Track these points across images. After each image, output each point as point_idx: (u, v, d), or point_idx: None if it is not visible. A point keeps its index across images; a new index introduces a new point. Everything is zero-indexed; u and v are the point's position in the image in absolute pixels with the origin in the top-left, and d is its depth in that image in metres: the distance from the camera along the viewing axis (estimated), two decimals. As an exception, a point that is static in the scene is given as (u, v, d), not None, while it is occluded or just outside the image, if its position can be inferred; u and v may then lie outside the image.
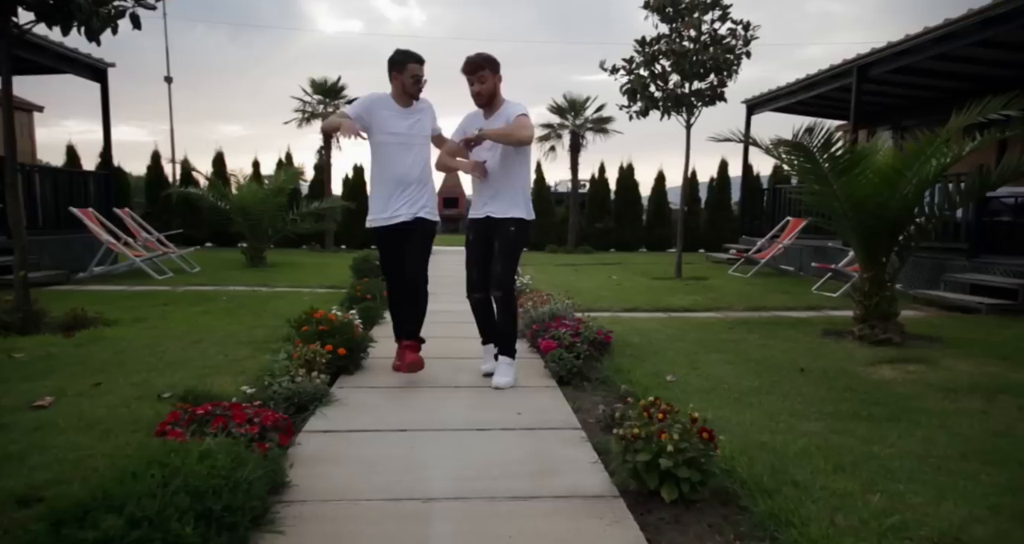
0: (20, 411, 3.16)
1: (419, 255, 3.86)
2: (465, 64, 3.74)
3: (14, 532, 1.94)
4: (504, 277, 3.78)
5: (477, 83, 3.73)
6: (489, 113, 3.83)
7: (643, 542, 2.01)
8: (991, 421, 3.17)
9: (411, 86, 3.79)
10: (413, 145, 3.83)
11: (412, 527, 2.08)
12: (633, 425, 2.39)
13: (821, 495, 2.27)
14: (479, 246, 3.89)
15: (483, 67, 3.71)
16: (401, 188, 3.78)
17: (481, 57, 3.72)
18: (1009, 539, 1.98)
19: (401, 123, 3.80)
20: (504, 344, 3.88)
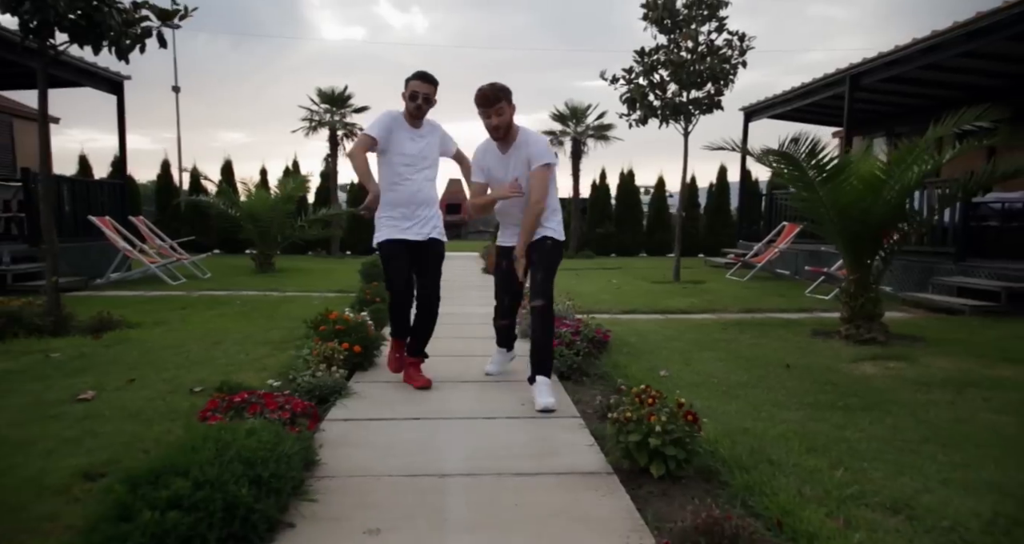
0: (67, 403, 3.45)
1: (436, 274, 3.92)
2: (480, 97, 3.55)
3: (86, 499, 2.23)
4: (545, 286, 3.62)
5: (495, 116, 3.54)
6: (505, 147, 3.67)
7: (633, 510, 2.29)
8: (956, 410, 3.45)
9: (409, 104, 3.73)
10: (423, 168, 3.80)
11: (429, 498, 2.36)
12: (626, 409, 2.68)
13: (792, 471, 2.55)
14: (512, 273, 3.76)
15: (500, 99, 3.52)
16: (413, 208, 3.77)
17: (496, 89, 3.54)
18: (951, 505, 2.26)
19: (412, 145, 3.76)
20: (542, 362, 3.63)
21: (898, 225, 5.54)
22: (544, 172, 3.56)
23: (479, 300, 7.75)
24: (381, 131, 3.70)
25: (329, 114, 16.61)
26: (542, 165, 3.56)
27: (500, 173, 3.70)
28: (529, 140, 3.64)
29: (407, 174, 3.75)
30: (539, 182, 3.56)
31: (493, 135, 3.65)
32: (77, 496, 2.29)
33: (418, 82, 3.72)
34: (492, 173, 3.74)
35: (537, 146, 3.61)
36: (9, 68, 9.29)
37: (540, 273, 3.63)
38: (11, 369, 4.18)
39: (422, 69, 3.77)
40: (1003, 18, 6.92)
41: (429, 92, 3.74)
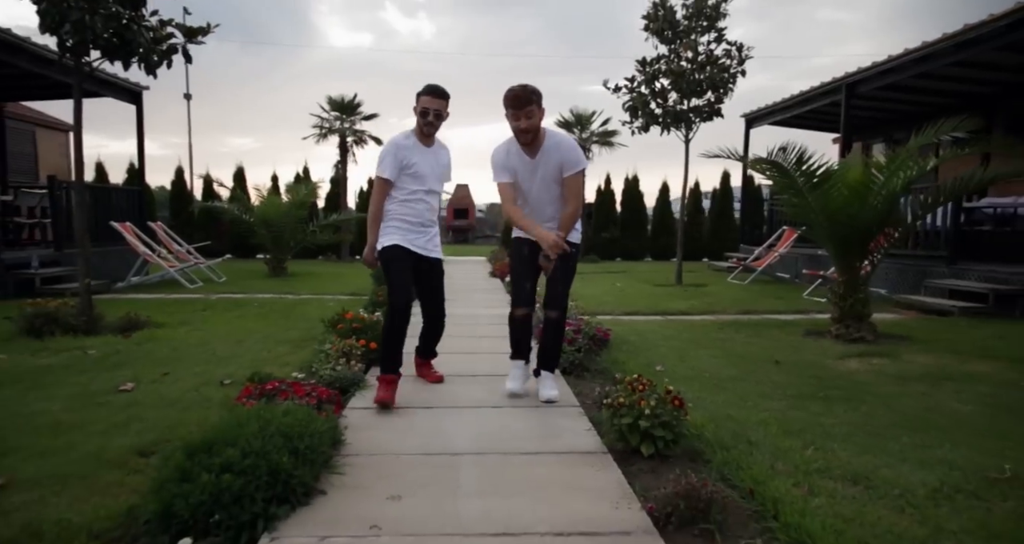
0: (111, 394, 3.77)
1: (441, 295, 4.02)
2: (511, 98, 3.40)
3: (145, 471, 2.54)
4: (564, 298, 3.66)
5: (524, 119, 3.40)
6: (532, 151, 3.54)
7: (624, 482, 2.58)
8: (927, 401, 3.74)
9: (420, 120, 3.67)
10: (431, 188, 3.76)
11: (443, 472, 2.67)
12: (619, 396, 2.98)
13: (768, 450, 2.84)
14: (534, 262, 3.65)
15: (531, 102, 3.39)
16: (420, 225, 3.75)
17: (528, 91, 3.41)
18: (904, 477, 2.55)
19: (423, 164, 3.70)
20: (549, 359, 3.77)
21: (885, 229, 5.81)
22: (580, 178, 3.51)
23: (485, 302, 8.08)
24: (392, 171, 3.64)
25: (339, 121, 16.96)
26: (577, 171, 3.51)
27: (527, 178, 3.58)
28: (560, 145, 3.53)
29: (418, 192, 3.71)
30: (576, 188, 3.52)
31: (520, 138, 3.49)
32: (135, 468, 2.61)
33: (428, 98, 3.64)
34: (518, 175, 3.60)
35: (569, 151, 3.52)
36: (33, 80, 9.69)
37: (561, 285, 3.61)
38: (54, 364, 4.52)
39: (433, 83, 3.69)
40: (989, 30, 7.20)
41: (440, 108, 3.67)
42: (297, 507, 2.26)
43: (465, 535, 2.14)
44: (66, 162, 13.97)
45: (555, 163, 3.50)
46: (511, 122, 3.46)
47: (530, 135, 3.45)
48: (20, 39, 8.02)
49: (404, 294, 3.67)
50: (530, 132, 3.44)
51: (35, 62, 8.49)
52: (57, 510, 2.22)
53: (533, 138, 3.47)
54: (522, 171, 3.58)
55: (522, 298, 3.76)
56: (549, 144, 3.52)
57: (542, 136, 3.52)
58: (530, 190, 3.62)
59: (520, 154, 3.56)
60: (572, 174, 3.51)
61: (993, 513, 2.26)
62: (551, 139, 3.54)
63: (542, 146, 3.52)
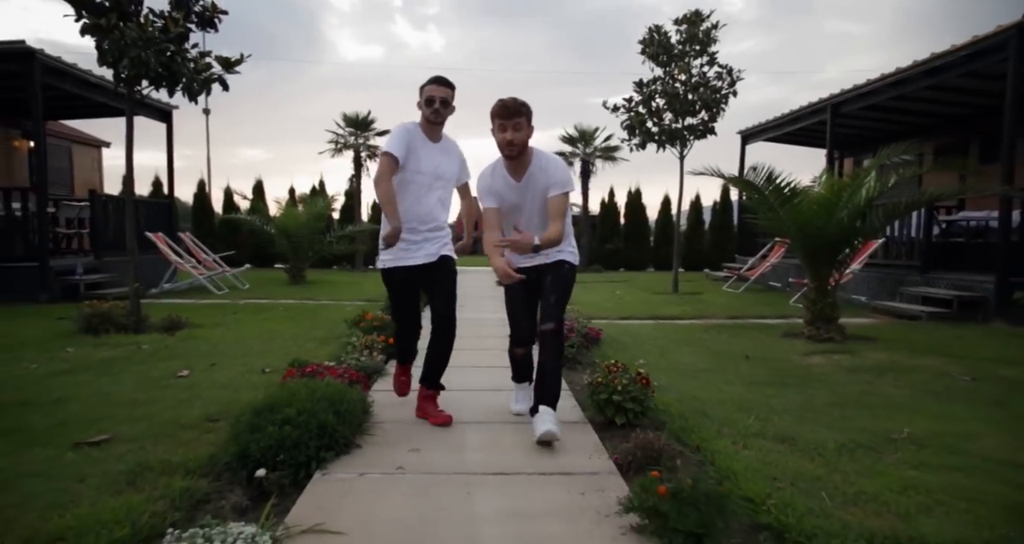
0: (170, 379, 4.44)
1: (451, 295, 3.62)
2: (499, 108, 3.26)
3: (215, 432, 3.20)
4: (558, 310, 3.36)
5: (512, 131, 3.24)
6: (519, 173, 3.37)
7: (598, 442, 3.21)
8: (868, 387, 4.35)
9: (425, 110, 3.45)
10: (437, 188, 3.54)
11: (453, 435, 3.31)
12: (598, 376, 3.62)
13: (719, 420, 3.47)
14: (528, 295, 3.46)
15: (521, 114, 3.26)
16: (424, 226, 3.51)
17: (518, 103, 3.27)
18: (821, 437, 3.17)
19: (429, 162, 3.49)
20: (548, 389, 3.28)
21: (851, 241, 6.43)
22: (564, 199, 3.38)
23: (492, 308, 8.72)
24: (400, 148, 3.40)
25: (353, 137, 17.75)
26: (562, 193, 3.37)
27: (512, 201, 3.44)
28: (548, 168, 3.37)
29: (420, 193, 3.49)
30: (560, 208, 3.36)
31: (506, 151, 3.31)
32: (207, 430, 3.27)
33: (434, 86, 3.45)
34: (505, 199, 3.44)
35: (556, 174, 3.36)
36: (74, 101, 10.46)
37: (554, 296, 3.37)
38: (116, 356, 5.19)
39: (440, 75, 3.52)
40: (952, 59, 7.84)
41: (446, 96, 3.46)
42: (340, 454, 2.92)
43: (470, 473, 2.79)
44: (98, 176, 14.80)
45: (542, 187, 3.37)
46: (497, 135, 3.30)
47: (516, 149, 3.28)
48: (68, 65, 8.79)
49: (404, 321, 3.72)
50: (515, 145, 3.27)
51: (79, 85, 9.27)
52: (156, 455, 2.87)
53: (519, 152, 3.30)
54: (508, 194, 3.42)
55: (521, 335, 3.49)
56: (536, 167, 3.37)
57: (529, 156, 3.36)
58: (517, 216, 3.46)
59: (505, 176, 3.41)
60: (556, 195, 3.35)
61: (882, 460, 2.88)
62: (539, 160, 3.38)
63: (528, 169, 3.37)
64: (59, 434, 3.17)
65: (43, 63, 8.31)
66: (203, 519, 2.19)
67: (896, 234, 9.44)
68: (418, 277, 3.56)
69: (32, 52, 8.11)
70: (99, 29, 5.69)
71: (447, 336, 3.62)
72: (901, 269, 9.04)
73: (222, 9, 6.58)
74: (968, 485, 2.59)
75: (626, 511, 2.29)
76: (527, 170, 3.38)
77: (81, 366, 4.81)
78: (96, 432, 3.19)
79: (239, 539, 2.04)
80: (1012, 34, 6.99)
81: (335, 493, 2.57)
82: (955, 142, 11.18)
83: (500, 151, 3.36)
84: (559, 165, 3.44)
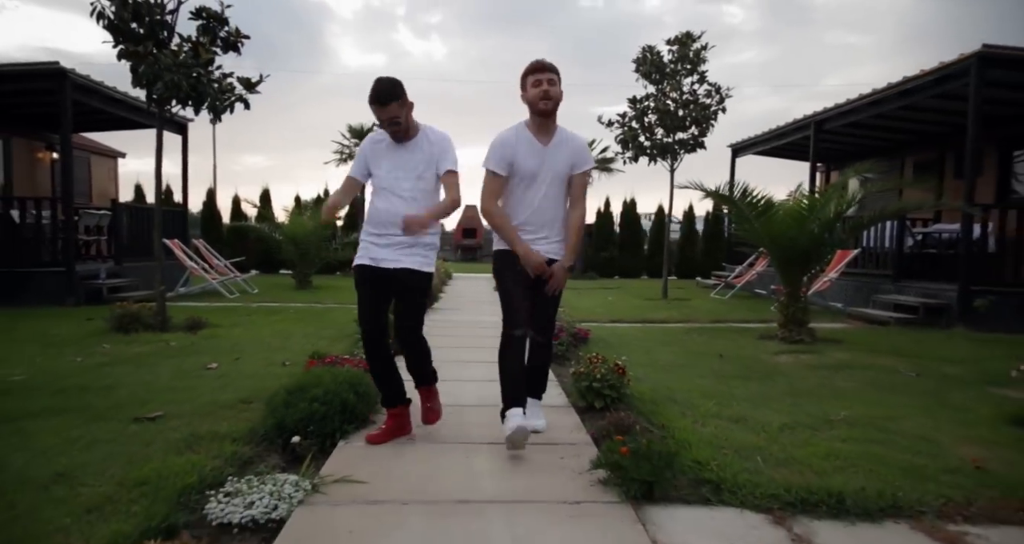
0: (201, 370, 4.98)
1: (410, 309, 3.42)
2: (536, 63, 3.21)
3: (251, 410, 3.74)
4: (553, 321, 3.50)
5: (547, 84, 3.15)
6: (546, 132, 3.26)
7: (579, 422, 3.75)
8: (823, 380, 4.90)
9: (386, 128, 3.26)
10: (402, 188, 3.29)
11: (456, 415, 3.84)
12: (581, 367, 4.16)
13: (685, 405, 4.01)
14: (530, 279, 3.31)
15: (554, 70, 3.19)
16: (383, 230, 3.32)
17: (551, 63, 3.22)
18: (770, 418, 3.71)
19: (389, 162, 3.32)
20: (535, 385, 3.49)
21: (822, 251, 6.99)
22: (588, 179, 3.37)
23: (489, 312, 9.26)
24: (357, 168, 3.41)
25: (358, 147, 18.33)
26: (587, 171, 3.35)
27: (533, 165, 3.23)
28: (574, 139, 3.32)
29: (383, 193, 3.35)
30: (584, 190, 3.36)
31: (540, 105, 3.15)
32: (243, 409, 3.81)
33: (375, 107, 3.18)
34: (522, 165, 3.22)
35: (584, 148, 3.34)
36: (97, 115, 11.04)
37: (552, 308, 3.41)
38: (148, 351, 5.74)
39: (376, 86, 3.18)
40: (922, 82, 8.43)
41: (393, 114, 3.18)
42: (359, 427, 3.47)
43: (469, 443, 3.33)
44: (114, 185, 15.39)
45: (566, 157, 3.26)
46: (531, 90, 3.17)
47: (551, 102, 3.16)
48: (96, 83, 9.38)
49: (365, 321, 3.41)
50: (552, 99, 3.16)
51: (104, 101, 9.86)
52: (204, 427, 3.41)
53: (555, 107, 3.18)
54: (528, 160, 3.23)
55: (519, 318, 3.30)
56: (563, 136, 3.28)
57: (556, 125, 3.28)
58: (533, 185, 3.26)
59: (530, 139, 3.24)
60: (583, 172, 3.31)
61: (816, 435, 3.42)
62: (565, 132, 3.31)
63: (555, 135, 3.26)
64: (118, 412, 3.71)
65: (73, 81, 8.89)
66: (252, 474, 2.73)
67: (872, 245, 9.99)
68: (378, 281, 3.35)
69: (64, 71, 8.69)
70: (137, 55, 6.26)
71: (414, 347, 3.44)
72: (876, 278, 9.60)
73: (245, 34, 7.16)
74: (880, 453, 3.14)
75: (595, 468, 2.84)
76: (554, 136, 3.26)
77: (119, 360, 5.35)
78: (149, 410, 3.73)
79: (287, 483, 2.59)
80: (972, 62, 7.57)
81: (357, 456, 3.11)
82: (932, 158, 11.75)
83: (533, 108, 3.20)
84: (585, 142, 3.40)
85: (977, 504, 2.59)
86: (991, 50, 7.45)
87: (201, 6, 6.94)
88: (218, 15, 7.01)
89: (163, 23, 6.69)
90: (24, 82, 9.10)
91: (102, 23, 6.59)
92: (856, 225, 6.90)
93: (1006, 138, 10.35)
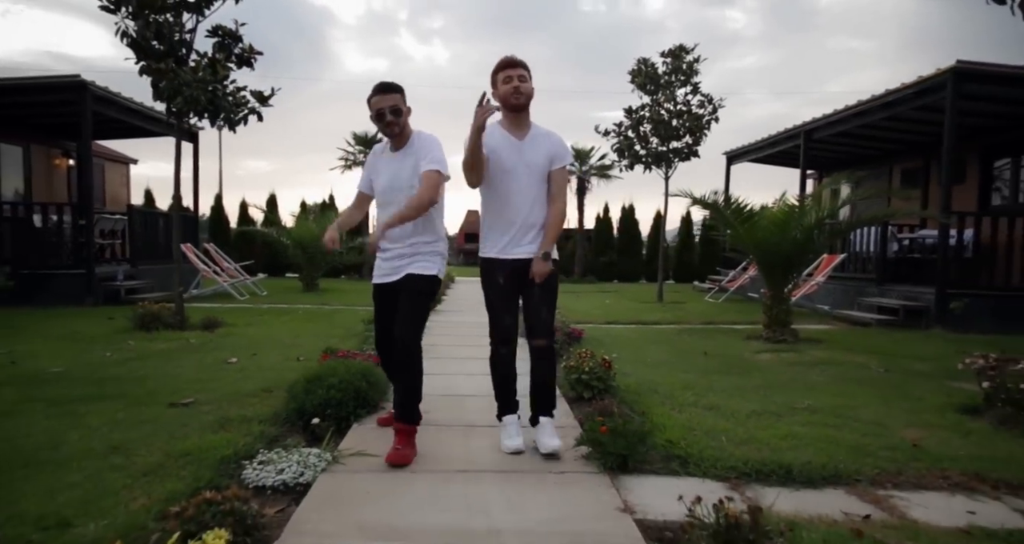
0: (222, 364, 5.39)
1: (406, 316, 3.20)
2: (502, 60, 3.19)
3: (272, 398, 4.15)
4: (550, 323, 3.35)
5: (517, 80, 3.15)
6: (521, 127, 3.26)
7: (569, 410, 4.15)
8: (797, 375, 5.29)
9: (376, 124, 3.27)
10: (393, 201, 3.26)
11: (455, 402, 4.25)
12: (571, 361, 4.56)
13: (666, 396, 4.41)
14: (513, 291, 3.29)
15: (524, 66, 3.19)
16: (390, 243, 3.34)
17: (520, 60, 3.21)
18: (740, 407, 4.11)
19: (384, 176, 3.34)
20: (546, 400, 3.38)
21: (804, 256, 7.39)
22: (566, 175, 3.34)
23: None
24: (363, 181, 3.49)
25: (362, 154, 18.79)
26: (565, 166, 3.30)
27: (512, 160, 3.21)
28: (552, 135, 3.31)
29: (384, 207, 3.37)
30: (563, 186, 3.32)
31: (512, 100, 3.15)
32: (264, 398, 4.21)
33: (377, 97, 3.21)
34: (499, 157, 3.20)
35: (561, 143, 3.31)
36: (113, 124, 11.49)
37: (545, 309, 3.30)
38: (171, 348, 6.15)
39: (378, 83, 3.26)
40: (903, 95, 8.84)
41: (395, 103, 3.20)
42: (371, 412, 3.88)
43: (469, 426, 3.74)
44: (125, 190, 15.85)
45: (544, 151, 3.24)
46: (502, 87, 3.17)
47: (523, 97, 3.16)
48: (113, 94, 9.83)
49: (379, 333, 3.58)
50: (523, 94, 3.16)
51: (120, 111, 10.31)
52: (233, 412, 3.82)
53: (526, 101, 3.19)
54: (504, 154, 3.20)
55: (505, 332, 3.33)
56: (538, 131, 3.30)
57: (529, 120, 3.28)
58: (511, 182, 3.21)
59: (504, 134, 3.24)
60: (560, 168, 3.27)
61: (780, 421, 3.82)
62: (539, 128, 3.31)
63: (531, 130, 3.27)
64: (153, 398, 4.13)
65: (93, 93, 9.34)
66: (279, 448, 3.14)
67: (859, 250, 10.39)
68: (386, 296, 3.40)
69: (85, 83, 9.15)
70: (159, 72, 6.70)
71: (404, 363, 3.18)
72: (861, 282, 9.99)
73: (258, 50, 7.60)
74: (832, 435, 3.53)
75: (579, 445, 3.25)
76: (529, 131, 3.26)
77: (145, 355, 5.76)
78: (181, 397, 4.15)
79: (311, 454, 3.00)
80: (948, 76, 7.98)
81: (370, 435, 3.51)
82: (918, 166, 12.14)
83: (505, 104, 3.18)
84: (561, 138, 3.35)
85: (906, 474, 2.99)
86: (965, 65, 7.87)
87: (217, 24, 7.38)
88: (233, 33, 7.45)
89: (183, 41, 7.14)
90: (47, 94, 9.55)
91: (125, 41, 7.03)
92: (835, 231, 7.30)
93: (988, 147, 10.74)
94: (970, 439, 3.54)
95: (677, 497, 2.55)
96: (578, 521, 2.50)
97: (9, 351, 5.71)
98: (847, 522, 2.47)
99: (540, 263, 3.22)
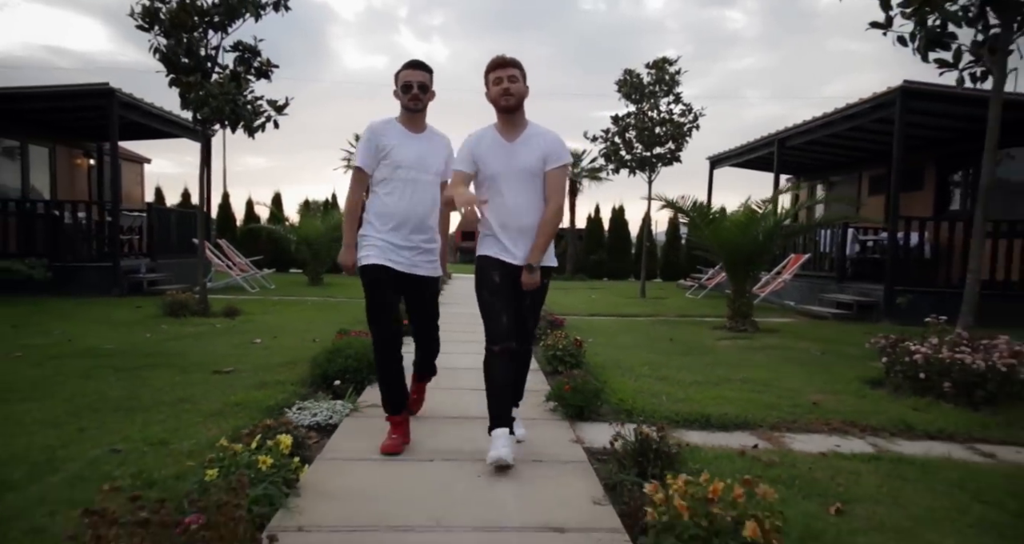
0: (249, 345, 6.23)
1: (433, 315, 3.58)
2: (494, 60, 3.09)
3: (297, 367, 4.98)
4: (533, 331, 3.45)
5: (507, 81, 3.04)
6: (513, 129, 3.13)
7: (545, 381, 5.00)
8: (745, 356, 6.15)
9: (402, 98, 3.22)
10: (424, 181, 3.24)
11: (452, 375, 5.08)
12: (548, 340, 5.42)
13: (627, 370, 5.26)
14: (510, 290, 3.17)
15: (516, 66, 3.08)
16: (407, 231, 3.24)
17: (512, 58, 3.10)
18: (686, 377, 4.96)
19: (408, 150, 3.22)
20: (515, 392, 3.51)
21: (764, 255, 8.25)
22: (564, 174, 3.18)
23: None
24: (365, 157, 3.25)
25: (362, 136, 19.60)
26: (561, 166, 3.14)
27: (501, 164, 3.10)
28: (546, 135, 3.15)
29: (402, 185, 3.22)
30: (560, 185, 3.15)
31: (502, 102, 3.05)
32: (291, 367, 5.06)
33: (409, 70, 3.20)
34: (484, 163, 3.11)
35: (556, 142, 3.15)
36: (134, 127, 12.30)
37: (532, 319, 3.36)
38: (200, 331, 6.99)
39: (412, 60, 3.25)
40: (861, 109, 9.72)
41: (424, 80, 3.21)
42: (380, 379, 4.71)
43: (461, 389, 4.59)
44: (140, 188, 16.67)
45: (538, 152, 3.10)
46: (492, 88, 3.07)
47: (513, 99, 3.06)
48: (137, 100, 10.65)
49: (380, 327, 3.29)
50: (513, 96, 3.05)
51: (142, 115, 11.13)
52: (267, 377, 4.66)
53: (517, 103, 3.09)
54: (493, 158, 3.11)
55: (506, 331, 3.16)
56: (533, 131, 3.16)
57: (525, 120, 3.17)
58: (503, 186, 3.10)
59: (495, 137, 3.14)
60: (556, 167, 3.12)
61: (716, 388, 4.67)
62: (535, 128, 3.18)
63: (524, 131, 3.14)
64: (199, 368, 4.97)
65: (120, 99, 10.16)
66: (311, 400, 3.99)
67: (824, 250, 11.27)
68: (396, 283, 3.27)
69: (112, 90, 9.97)
70: (188, 85, 7.53)
71: (436, 341, 3.73)
72: (824, 279, 10.86)
73: (274, 64, 8.43)
74: (753, 397, 4.39)
75: (547, 400, 4.11)
76: (522, 132, 3.14)
77: (180, 336, 6.60)
78: (222, 367, 4.99)
79: (337, 404, 3.85)
80: (897, 94, 8.85)
81: (381, 395, 4.36)
82: (884, 173, 13.02)
83: (496, 106, 3.10)
84: (557, 137, 3.20)
85: (799, 422, 3.85)
86: (911, 85, 8.74)
87: (239, 41, 8.22)
88: (252, 48, 8.28)
89: (209, 57, 7.96)
90: (77, 100, 10.37)
91: (157, 56, 7.86)
92: (790, 233, 8.16)
93: (942, 157, 11.63)
94: (863, 401, 4.41)
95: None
96: (539, 446, 3.36)
97: (62, 331, 6.55)
98: (739, 449, 3.33)
99: (526, 275, 3.09)
